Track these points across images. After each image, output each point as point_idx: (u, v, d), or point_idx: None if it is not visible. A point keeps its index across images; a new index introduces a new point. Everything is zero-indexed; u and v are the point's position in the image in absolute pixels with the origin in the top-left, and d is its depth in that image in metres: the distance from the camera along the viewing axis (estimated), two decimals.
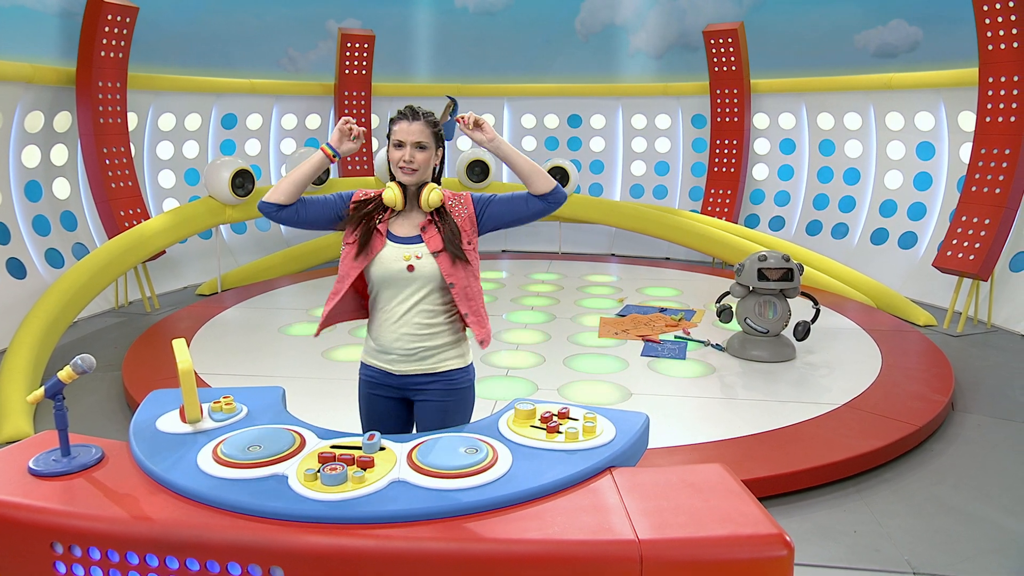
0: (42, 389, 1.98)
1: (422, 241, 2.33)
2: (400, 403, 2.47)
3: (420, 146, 2.30)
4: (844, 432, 4.00)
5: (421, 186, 2.34)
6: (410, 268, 2.30)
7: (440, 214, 2.35)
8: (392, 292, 2.34)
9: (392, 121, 2.35)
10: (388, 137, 2.35)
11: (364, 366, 2.49)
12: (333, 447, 1.99)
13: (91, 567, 1.75)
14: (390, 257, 2.31)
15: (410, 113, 2.31)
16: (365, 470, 1.86)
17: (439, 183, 2.42)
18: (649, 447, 2.14)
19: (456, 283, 2.32)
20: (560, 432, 2.08)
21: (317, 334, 2.51)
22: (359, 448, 1.98)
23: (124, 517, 1.76)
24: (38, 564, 1.78)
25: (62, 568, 1.77)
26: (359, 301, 2.48)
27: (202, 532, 1.72)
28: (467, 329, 2.45)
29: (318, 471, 1.83)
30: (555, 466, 1.92)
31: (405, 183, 2.32)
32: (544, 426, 2.11)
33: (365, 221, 2.34)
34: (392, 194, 2.32)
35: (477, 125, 2.25)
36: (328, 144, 2.34)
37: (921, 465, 3.92)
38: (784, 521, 3.39)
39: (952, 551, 3.15)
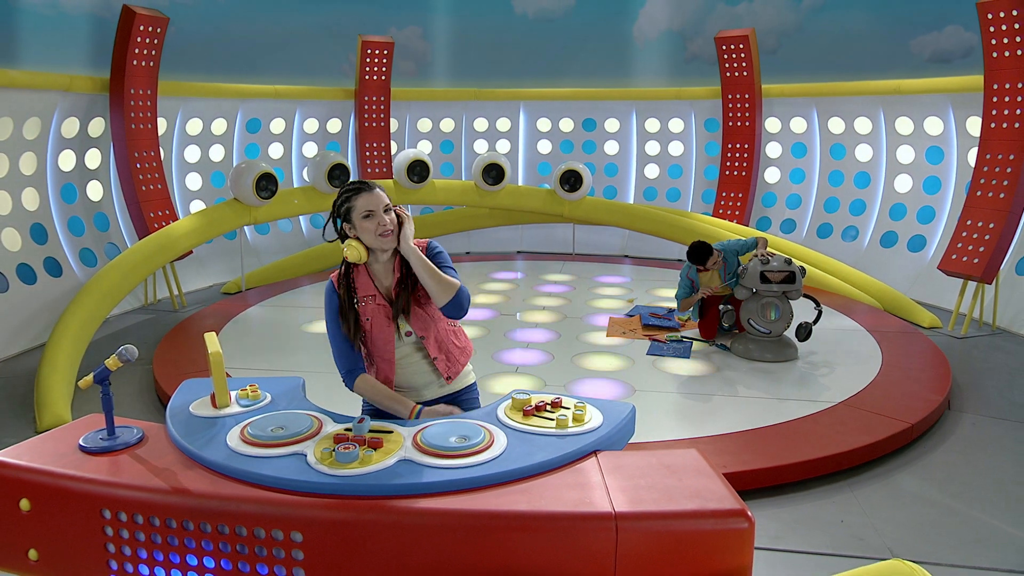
0: (91, 375, 2.23)
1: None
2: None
3: (387, 209, 2.38)
4: (839, 429, 4.16)
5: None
6: (408, 334, 2.50)
7: (406, 270, 2.46)
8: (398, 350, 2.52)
9: (348, 198, 2.38)
10: (345, 217, 2.39)
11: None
12: (347, 430, 2.21)
13: (135, 531, 1.99)
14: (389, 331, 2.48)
15: (365, 186, 2.39)
16: (375, 450, 2.08)
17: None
18: (650, 440, 2.32)
19: (427, 336, 2.52)
20: (549, 418, 2.29)
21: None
22: (372, 432, 2.21)
23: (164, 488, 2.00)
24: (89, 528, 2.02)
25: (110, 532, 2.01)
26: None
27: (231, 502, 1.95)
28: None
29: (333, 450, 2.05)
30: (545, 449, 2.13)
31: (388, 248, 2.41)
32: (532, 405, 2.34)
33: (358, 305, 2.44)
34: (356, 251, 2.37)
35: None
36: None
37: (912, 461, 4.07)
38: (775, 510, 3.57)
39: (935, 542, 3.31)
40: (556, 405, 2.39)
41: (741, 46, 8.55)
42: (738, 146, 9.04)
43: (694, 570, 1.87)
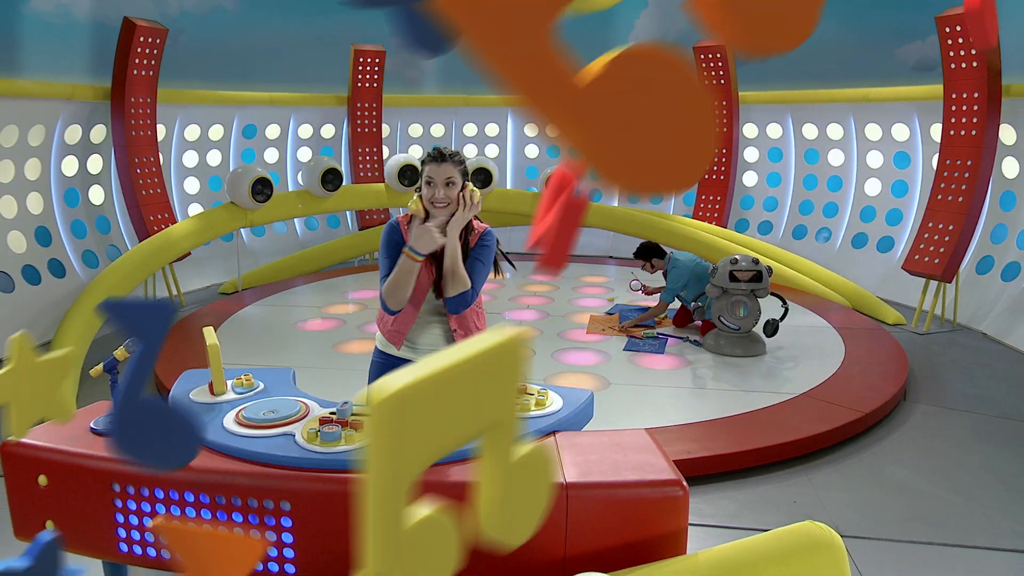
0: (101, 365, 2.50)
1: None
2: None
3: (450, 184, 2.68)
4: (797, 418, 4.45)
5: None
6: (438, 296, 2.77)
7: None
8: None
9: (423, 161, 2.73)
10: (421, 175, 2.74)
11: (386, 355, 2.89)
12: (331, 413, 2.48)
13: (142, 502, 2.26)
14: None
15: (439, 157, 2.69)
16: (356, 430, 2.35)
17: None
18: (619, 429, 2.54)
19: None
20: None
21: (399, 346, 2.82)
22: (354, 415, 2.48)
23: None
24: (101, 500, 2.29)
25: (119, 503, 2.28)
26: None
27: (228, 476, 2.22)
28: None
29: (319, 431, 2.32)
30: None
31: (439, 216, 2.70)
32: None
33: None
34: (415, 205, 2.74)
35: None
36: (409, 247, 2.62)
37: (865, 448, 4.36)
38: (734, 492, 3.86)
39: (878, 519, 3.60)
40: (521, 391, 2.67)
41: (719, 55, 8.84)
42: (716, 151, 9.33)
43: (636, 533, 2.14)
